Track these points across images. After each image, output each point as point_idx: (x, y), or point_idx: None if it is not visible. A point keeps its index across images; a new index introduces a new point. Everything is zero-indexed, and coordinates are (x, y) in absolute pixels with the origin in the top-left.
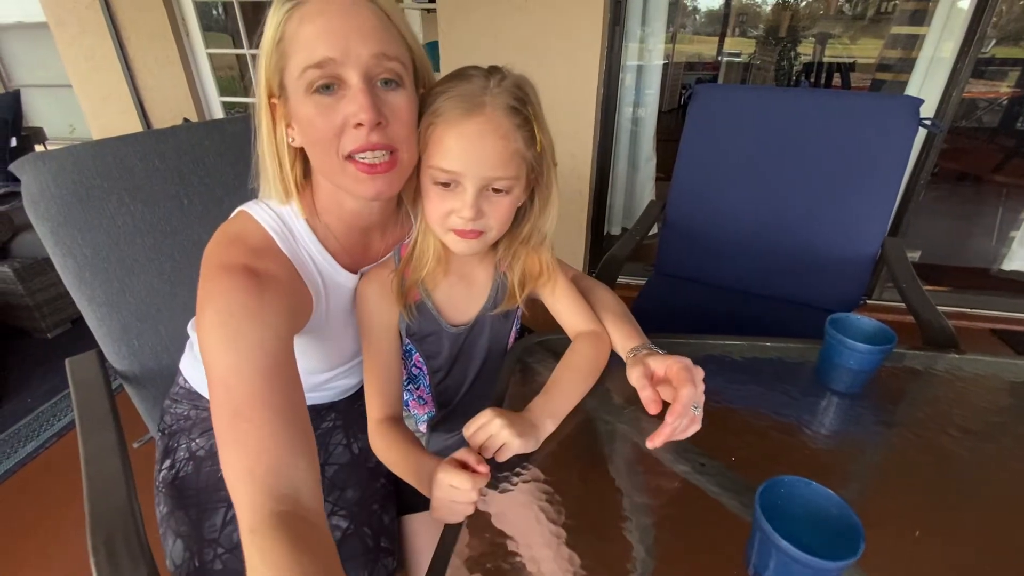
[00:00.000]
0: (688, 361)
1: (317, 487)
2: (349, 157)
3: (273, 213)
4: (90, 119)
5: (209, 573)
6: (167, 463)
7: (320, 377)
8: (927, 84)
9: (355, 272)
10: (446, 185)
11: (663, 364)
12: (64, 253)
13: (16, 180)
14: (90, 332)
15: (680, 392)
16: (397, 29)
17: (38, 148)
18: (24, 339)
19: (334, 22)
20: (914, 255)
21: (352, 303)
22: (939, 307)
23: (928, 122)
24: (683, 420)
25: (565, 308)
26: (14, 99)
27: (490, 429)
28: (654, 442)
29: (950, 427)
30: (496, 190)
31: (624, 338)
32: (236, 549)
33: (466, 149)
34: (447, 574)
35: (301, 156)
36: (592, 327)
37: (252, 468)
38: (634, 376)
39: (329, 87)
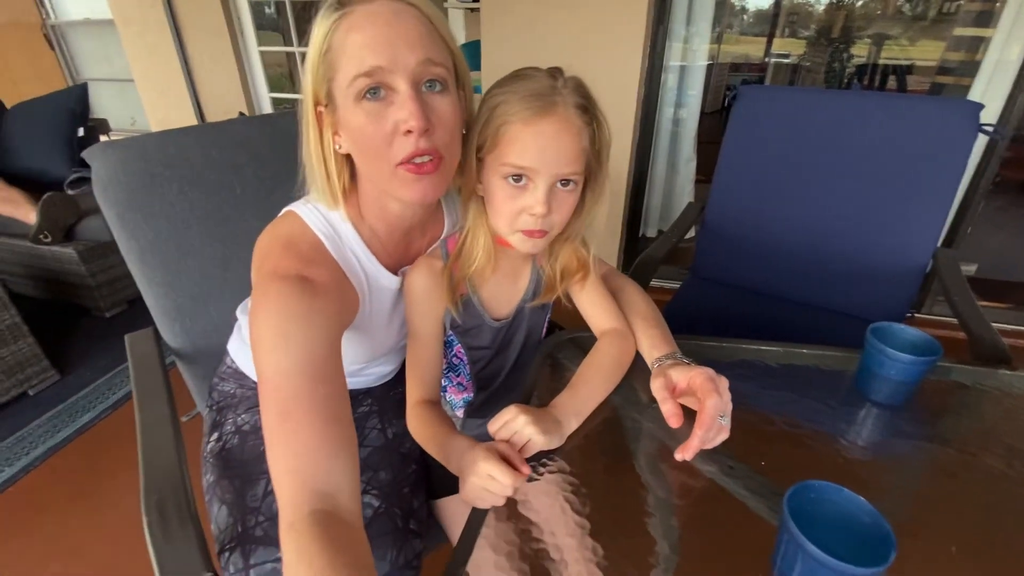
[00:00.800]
0: (711, 371)
1: (356, 489)
2: (401, 163)
3: (321, 216)
4: (149, 112)
5: (251, 539)
6: (214, 436)
7: (356, 366)
8: (991, 88)
9: (396, 273)
10: (516, 181)
11: (685, 376)
12: (128, 236)
13: (84, 167)
14: (145, 313)
15: (705, 403)
16: (440, 35)
17: (103, 138)
18: (85, 317)
19: (381, 31)
20: (970, 268)
21: (393, 303)
22: (994, 324)
23: (989, 128)
24: (711, 431)
25: (592, 305)
26: (82, 91)
27: (514, 426)
28: (685, 454)
29: (996, 445)
30: (563, 184)
31: (651, 346)
32: (275, 518)
33: (542, 147)
34: (473, 555)
35: (347, 162)
36: (617, 325)
37: (296, 467)
38: (655, 388)
39: (377, 92)
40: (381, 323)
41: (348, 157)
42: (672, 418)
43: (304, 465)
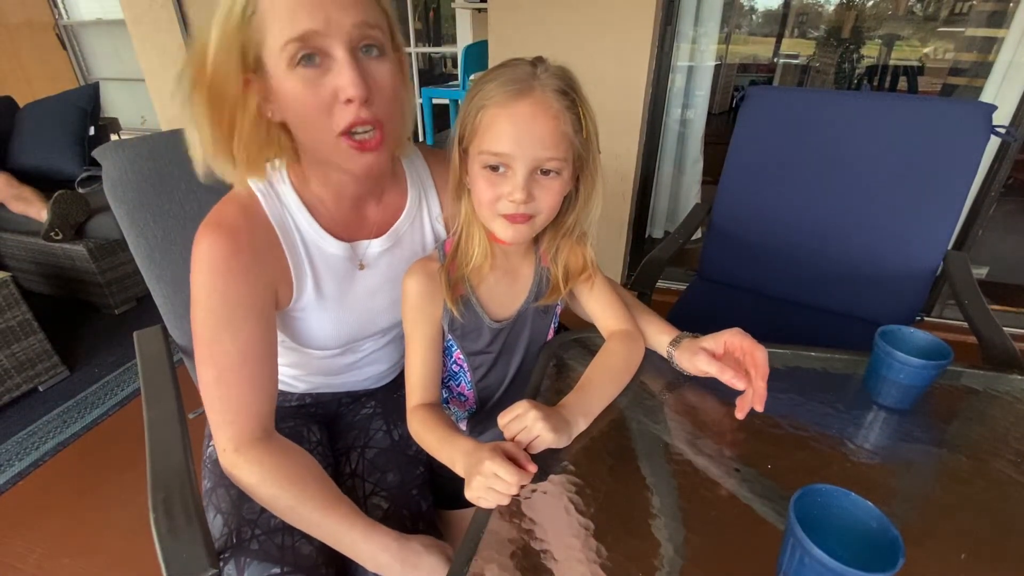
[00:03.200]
0: (738, 329)
1: (274, 406)
2: (343, 134)
3: (266, 180)
4: (159, 111)
5: (246, 551)
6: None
7: (348, 358)
8: (1004, 90)
9: (348, 241)
10: (495, 169)
11: (719, 342)
12: (138, 234)
13: (95, 165)
14: (153, 310)
15: (756, 356)
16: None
17: (113, 137)
18: (94, 314)
19: None
20: (980, 272)
21: (346, 273)
22: (1005, 328)
23: (1002, 130)
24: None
25: (601, 306)
26: (94, 91)
27: (524, 421)
28: (756, 406)
29: (1007, 451)
30: (544, 173)
31: (658, 331)
32: (273, 533)
33: (517, 130)
34: (476, 556)
35: (284, 129)
36: (627, 327)
37: (232, 420)
38: (702, 362)
39: (312, 58)
40: (338, 294)
41: (283, 125)
42: (740, 381)
43: (240, 416)
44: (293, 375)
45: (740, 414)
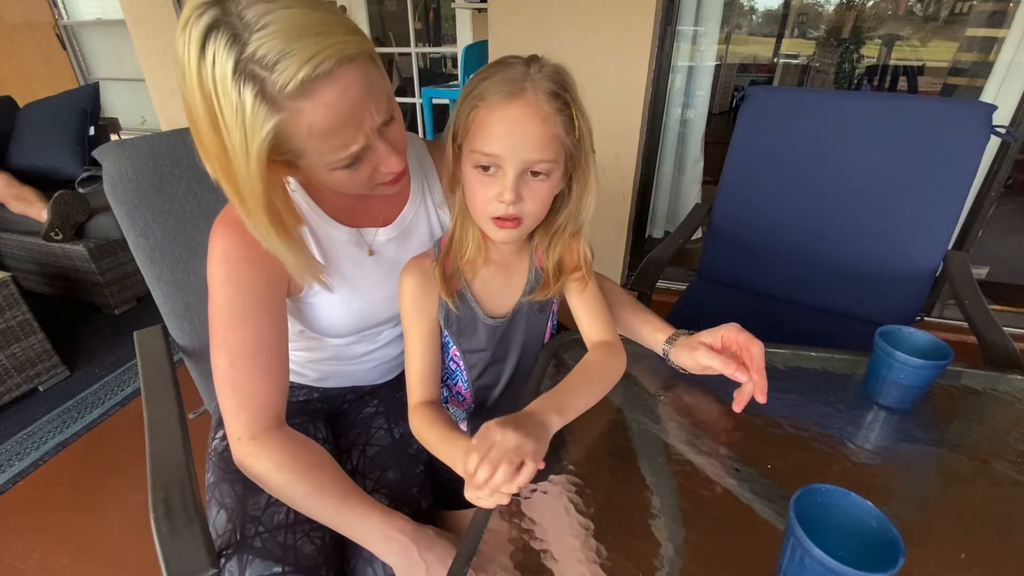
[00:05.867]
0: (735, 324)
1: (285, 396)
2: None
3: None
4: (159, 111)
5: (249, 548)
6: (220, 433)
7: (362, 347)
8: (1004, 90)
9: (354, 227)
10: (486, 169)
11: (716, 336)
12: (138, 234)
13: (95, 165)
14: (154, 310)
15: (752, 351)
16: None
17: (113, 137)
18: (95, 314)
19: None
20: (980, 272)
21: (355, 258)
22: (1005, 328)
23: (1002, 130)
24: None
25: (587, 313)
26: (94, 91)
27: (505, 445)
28: (761, 397)
29: (1007, 451)
30: (535, 174)
31: (655, 330)
32: (276, 531)
33: (508, 132)
34: (476, 556)
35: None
36: (611, 339)
37: (246, 406)
38: (703, 356)
39: (358, 157)
40: (346, 277)
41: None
42: (741, 374)
43: (254, 403)
44: (306, 359)
45: (738, 407)
